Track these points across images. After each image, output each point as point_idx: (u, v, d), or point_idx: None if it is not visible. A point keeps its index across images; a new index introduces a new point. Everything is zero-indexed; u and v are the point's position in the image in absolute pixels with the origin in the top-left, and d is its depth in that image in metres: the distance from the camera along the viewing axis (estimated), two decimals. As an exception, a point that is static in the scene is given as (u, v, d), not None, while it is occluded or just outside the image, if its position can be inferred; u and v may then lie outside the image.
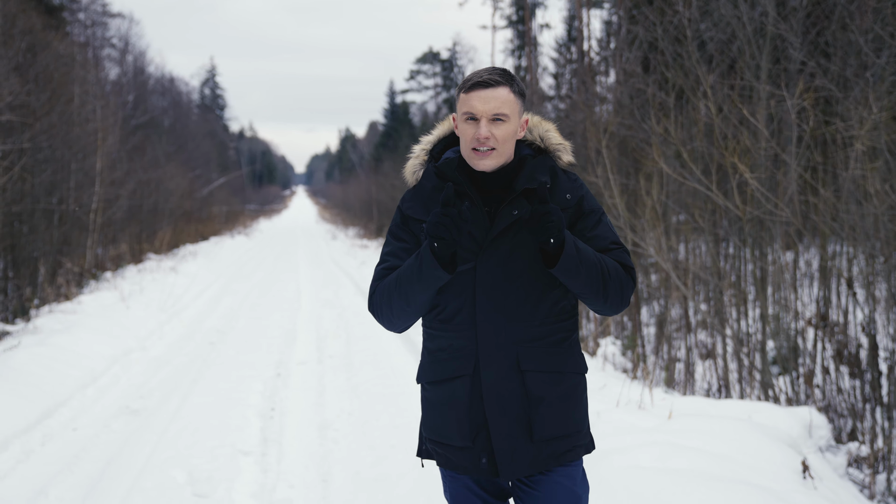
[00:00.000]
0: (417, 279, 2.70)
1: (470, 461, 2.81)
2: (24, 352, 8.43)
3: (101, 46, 37.42)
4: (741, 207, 8.27)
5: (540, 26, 44.50)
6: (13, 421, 6.66)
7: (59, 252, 15.70)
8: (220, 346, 10.60)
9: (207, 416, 7.15)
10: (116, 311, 12.22)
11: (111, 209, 19.59)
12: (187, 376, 8.82)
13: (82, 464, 6.00)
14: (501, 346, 2.77)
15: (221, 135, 63.94)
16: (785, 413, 6.70)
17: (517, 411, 2.77)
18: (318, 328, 12.00)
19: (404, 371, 8.99)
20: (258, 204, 76.62)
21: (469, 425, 2.79)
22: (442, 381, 2.83)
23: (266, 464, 5.95)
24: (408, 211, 2.88)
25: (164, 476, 5.61)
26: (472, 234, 2.78)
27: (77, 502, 5.21)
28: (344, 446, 6.41)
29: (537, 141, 2.92)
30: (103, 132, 18.66)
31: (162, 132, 36.02)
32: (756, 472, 5.26)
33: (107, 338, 10.25)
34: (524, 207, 2.74)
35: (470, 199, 2.79)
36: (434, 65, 61.73)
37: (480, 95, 2.73)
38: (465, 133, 2.77)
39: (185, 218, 31.23)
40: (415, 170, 2.96)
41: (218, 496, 5.25)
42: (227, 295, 16.08)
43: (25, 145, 13.24)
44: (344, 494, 5.36)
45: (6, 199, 12.76)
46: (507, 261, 2.78)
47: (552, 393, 2.80)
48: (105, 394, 8.17)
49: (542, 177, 2.79)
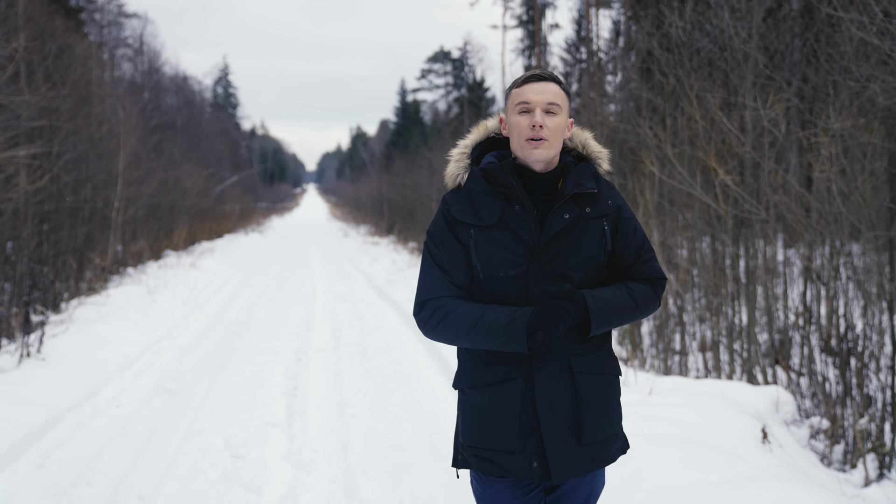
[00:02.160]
0: (494, 343, 2.75)
1: (520, 465, 2.80)
2: (67, 339, 9.24)
3: (117, 46, 38.19)
4: (723, 207, 9.02)
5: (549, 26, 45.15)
6: (65, 397, 7.46)
7: (83, 249, 16.51)
8: (242, 335, 11.39)
9: (236, 395, 7.94)
10: (144, 303, 13.03)
11: (133, 207, 20.41)
12: (214, 361, 9.61)
13: (129, 433, 6.80)
14: (554, 348, 2.81)
15: (234, 133, 64.54)
16: (755, 391, 7.46)
17: (567, 414, 2.81)
18: (334, 319, 12.78)
19: (414, 356, 9.76)
20: (270, 202, 77.30)
21: (520, 429, 2.79)
22: (491, 384, 2.83)
23: (292, 433, 6.74)
24: (456, 214, 2.88)
25: (204, 442, 6.41)
26: (524, 238, 2.82)
27: (130, 463, 6.00)
28: (360, 420, 7.19)
29: (578, 148, 3.00)
30: (125, 133, 19.47)
31: (177, 131, 36.80)
32: (721, 438, 6.02)
33: (138, 327, 11.07)
34: (574, 211, 2.84)
35: (521, 203, 2.84)
36: (445, 64, 62.01)
37: (535, 88, 2.84)
38: (518, 124, 2.84)
39: (200, 216, 32.04)
40: (457, 173, 2.97)
41: (253, 457, 6.04)
42: (246, 289, 16.89)
43: (56, 149, 14.04)
44: (361, 458, 6.14)
45: (39, 198, 13.56)
46: (557, 263, 2.82)
47: (598, 395, 2.86)
48: (141, 376, 8.96)
49: (588, 182, 2.88)
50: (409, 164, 35.14)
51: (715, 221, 10.10)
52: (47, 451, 6.27)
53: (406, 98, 69.03)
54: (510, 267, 2.79)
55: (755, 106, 8.18)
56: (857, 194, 7.45)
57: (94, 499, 5.30)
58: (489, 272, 2.82)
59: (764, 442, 6.19)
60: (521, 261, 2.79)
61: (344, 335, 11.38)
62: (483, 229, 2.84)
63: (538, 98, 2.81)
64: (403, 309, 13.22)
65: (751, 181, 8.98)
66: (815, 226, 8.09)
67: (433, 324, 2.82)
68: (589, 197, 2.87)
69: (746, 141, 8.55)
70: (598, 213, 2.88)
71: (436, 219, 2.92)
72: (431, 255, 2.89)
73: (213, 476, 5.67)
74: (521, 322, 2.70)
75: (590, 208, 2.86)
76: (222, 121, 59.48)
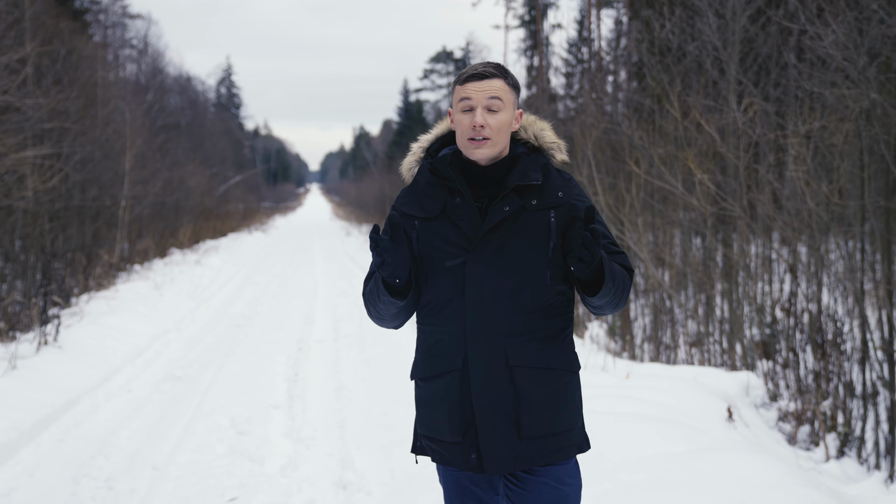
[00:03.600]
0: (379, 300, 2.82)
1: (460, 456, 2.83)
2: (81, 329, 9.75)
3: (121, 47, 38.64)
4: (704, 205, 9.52)
5: (551, 26, 45.52)
6: (81, 382, 7.97)
7: (91, 246, 17.03)
8: (246, 327, 11.90)
9: (241, 381, 8.45)
10: (152, 298, 13.54)
11: (139, 206, 20.93)
12: (220, 351, 10.11)
13: (142, 414, 7.31)
14: (489, 340, 2.79)
15: (237, 133, 64.94)
16: (727, 376, 7.96)
17: (506, 407, 2.79)
18: (334, 313, 13.29)
19: (409, 347, 10.26)
20: (273, 202, 77.71)
21: (459, 421, 2.81)
22: (433, 376, 2.87)
23: (293, 413, 7.25)
24: (402, 207, 2.92)
25: (211, 421, 6.92)
26: (465, 230, 2.81)
27: (143, 439, 6.51)
28: (357, 403, 7.70)
29: (531, 139, 2.95)
30: (132, 134, 19.99)
31: (181, 131, 37.28)
32: (688, 416, 6.52)
33: (147, 320, 11.58)
34: (515, 204, 2.80)
35: (461, 195, 2.83)
36: (447, 64, 62.26)
37: (476, 86, 2.80)
38: (460, 123, 2.82)
39: (204, 215, 32.56)
40: (410, 167, 3.01)
41: (256, 434, 6.56)
42: (250, 285, 17.41)
43: (66, 150, 14.54)
44: (356, 435, 6.64)
45: (49, 197, 14.07)
46: (498, 256, 2.79)
47: (541, 390, 2.80)
48: (151, 364, 9.47)
49: (534, 174, 2.83)
50: (398, 169, 35.55)
51: (700, 220, 10.60)
52: (67, 428, 6.79)
53: (409, 98, 69.37)
54: (448, 257, 2.81)
55: (729, 109, 8.68)
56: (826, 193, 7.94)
57: (112, 469, 5.81)
58: (430, 263, 2.84)
59: (729, 420, 6.69)
60: (459, 252, 2.80)
61: (344, 327, 11.88)
62: (426, 221, 2.86)
63: (479, 96, 2.78)
64: (401, 303, 13.72)
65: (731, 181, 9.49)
66: (787, 222, 8.59)
67: (366, 308, 2.94)
68: (535, 188, 2.83)
69: (724, 142, 9.05)
70: (544, 204, 2.83)
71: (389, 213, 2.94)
72: None
73: (220, 449, 6.19)
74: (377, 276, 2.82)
75: (536, 200, 2.82)
76: (226, 121, 59.83)
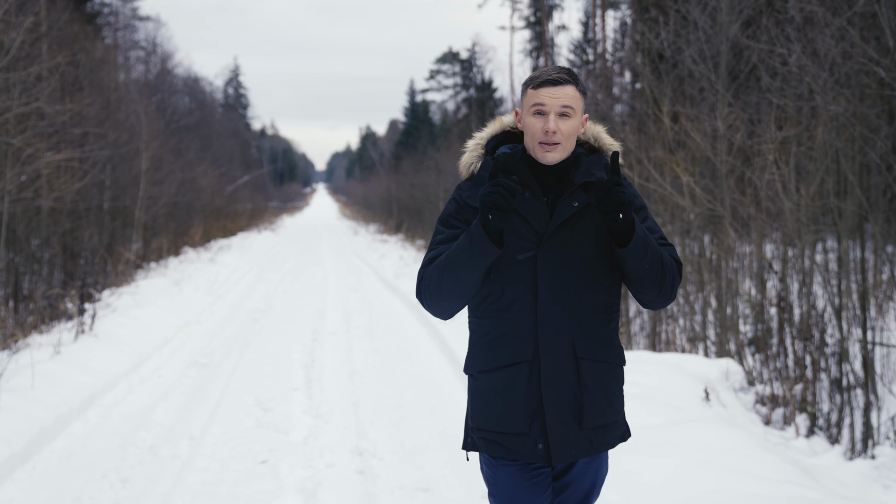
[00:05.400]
0: (468, 256, 2.79)
1: (527, 447, 2.87)
2: (112, 321, 10.50)
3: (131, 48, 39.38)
4: (690, 205, 10.24)
5: (557, 27, 46.18)
6: (116, 367, 8.73)
7: (109, 245, 17.81)
8: (262, 320, 12.65)
9: (261, 366, 9.19)
10: (171, 293, 14.29)
11: (154, 206, 21.71)
12: (239, 341, 10.86)
13: (174, 395, 8.05)
14: (560, 333, 2.87)
15: (244, 133, 65.57)
16: (708, 362, 8.68)
17: (570, 399, 2.87)
18: (345, 307, 14.03)
19: (417, 338, 11.00)
20: (280, 201, 78.38)
21: (525, 411, 2.86)
22: (498, 368, 2.89)
23: (311, 394, 7.99)
24: (468, 199, 2.95)
25: (238, 399, 7.68)
26: (533, 225, 2.87)
27: (178, 416, 7.25)
28: (369, 386, 8.43)
29: (591, 140, 3.03)
30: (148, 136, 20.75)
31: (191, 132, 38.02)
32: (670, 396, 7.24)
33: (169, 313, 12.34)
34: (583, 199, 2.87)
35: (531, 190, 2.89)
36: (454, 64, 62.63)
37: (550, 92, 2.85)
38: (532, 126, 2.88)
39: (214, 214, 33.36)
40: (471, 162, 3.03)
41: (279, 410, 7.31)
42: (263, 282, 18.17)
43: (91, 153, 15.31)
44: (369, 412, 7.38)
45: (72, 198, 14.83)
46: (566, 251, 2.87)
47: (601, 382, 2.91)
48: (177, 353, 10.22)
49: (598, 172, 2.91)
50: (417, 165, 36.18)
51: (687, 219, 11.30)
52: (109, 406, 7.55)
53: (415, 98, 69.87)
54: (518, 251, 2.86)
55: (712, 117, 9.41)
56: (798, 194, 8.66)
57: (153, 439, 6.55)
58: (500, 256, 2.87)
59: (705, 400, 7.41)
60: (529, 246, 2.86)
61: (354, 320, 12.61)
62: None
63: (553, 102, 2.84)
64: (409, 299, 14.43)
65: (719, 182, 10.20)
66: (765, 221, 9.31)
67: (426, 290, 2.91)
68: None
69: (708, 147, 9.76)
70: None
71: (447, 205, 3.01)
72: (435, 237, 2.98)
73: (248, 423, 6.94)
74: (474, 226, 2.78)
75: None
76: (233, 121, 60.53)
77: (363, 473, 5.76)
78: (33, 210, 13.50)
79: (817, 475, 5.94)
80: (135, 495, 5.36)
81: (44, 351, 8.46)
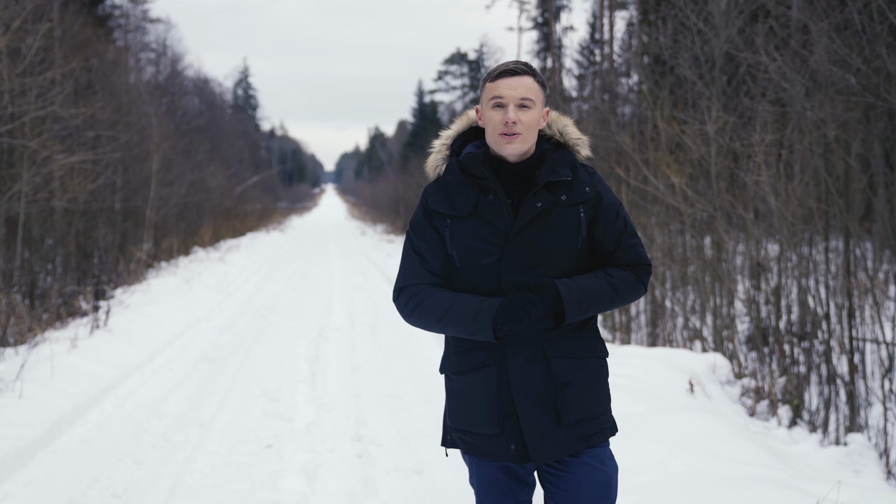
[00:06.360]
0: (463, 328, 2.83)
1: (499, 448, 2.89)
2: (124, 317, 10.91)
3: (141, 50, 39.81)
4: (683, 206, 10.61)
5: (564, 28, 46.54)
6: (129, 361, 9.13)
7: (121, 244, 18.25)
8: (269, 317, 13.05)
9: (268, 360, 9.59)
10: (181, 291, 14.71)
11: (165, 207, 22.15)
12: (247, 337, 11.26)
13: (184, 386, 8.45)
14: (527, 335, 2.87)
15: (253, 134, 65.93)
16: (696, 356, 9.04)
17: (544, 397, 2.86)
18: (350, 305, 14.42)
19: (419, 335, 11.38)
20: (289, 202, 78.75)
21: (497, 413, 2.87)
22: (469, 370, 2.92)
23: (315, 385, 8.39)
24: (433, 205, 2.96)
25: (246, 391, 8.08)
26: (498, 227, 2.86)
27: (188, 405, 7.65)
28: (370, 379, 8.82)
29: (556, 135, 2.99)
30: (159, 138, 21.19)
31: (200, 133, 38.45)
32: (654, 387, 7.60)
33: (179, 311, 12.75)
34: (547, 199, 2.86)
35: (494, 192, 2.88)
36: (462, 65, 62.93)
37: (508, 83, 2.84)
38: (492, 119, 2.87)
39: (223, 215, 33.80)
40: (437, 164, 3.04)
41: (285, 400, 7.71)
42: (271, 281, 18.59)
43: (104, 155, 15.74)
44: (369, 403, 7.76)
45: (87, 199, 15.27)
46: (531, 251, 2.86)
47: (577, 377, 2.89)
48: (187, 348, 10.62)
49: (563, 170, 2.89)
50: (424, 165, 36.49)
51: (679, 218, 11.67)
52: (123, 396, 7.96)
53: (423, 99, 70.17)
54: (483, 255, 2.86)
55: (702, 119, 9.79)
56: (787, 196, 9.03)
57: (165, 427, 6.95)
58: (465, 261, 2.90)
59: (689, 392, 7.78)
60: (494, 249, 2.85)
61: (359, 318, 13.01)
62: (458, 219, 2.91)
63: (511, 93, 2.84)
64: (412, 297, 14.82)
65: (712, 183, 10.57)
66: (753, 222, 9.67)
67: (409, 309, 2.94)
68: (564, 184, 2.91)
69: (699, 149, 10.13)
70: (574, 200, 2.91)
71: (417, 209, 3.02)
72: (412, 243, 2.99)
73: (254, 412, 7.34)
74: (488, 313, 2.78)
75: (565, 195, 2.90)
76: (242, 122, 60.91)
77: (361, 457, 6.15)
78: (48, 211, 13.92)
79: (790, 460, 6.30)
80: (149, 475, 5.76)
81: (61, 345, 8.86)
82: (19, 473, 5.80)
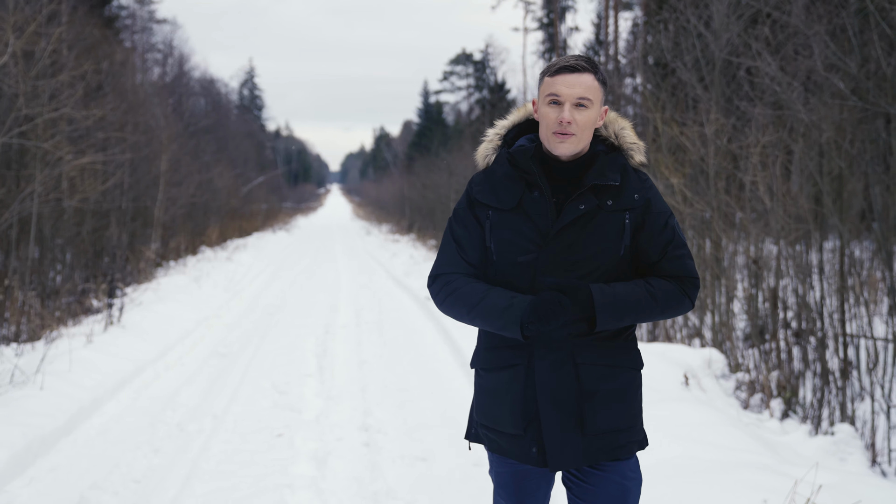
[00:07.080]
0: (493, 322, 2.79)
1: (520, 449, 2.84)
2: (136, 314, 11.20)
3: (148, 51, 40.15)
4: (681, 206, 10.87)
5: (569, 29, 46.77)
6: (143, 356, 9.42)
7: (130, 243, 18.56)
8: (277, 315, 13.34)
9: (277, 356, 9.88)
10: (191, 289, 15.00)
11: (173, 207, 22.46)
12: (256, 334, 11.54)
13: (196, 380, 8.74)
14: (557, 338, 2.80)
15: (259, 135, 66.21)
16: (692, 351, 9.30)
17: (569, 404, 2.79)
18: (356, 304, 14.71)
19: (424, 331, 11.66)
20: (294, 202, 79.08)
21: (521, 414, 2.83)
22: (496, 368, 2.88)
23: (323, 379, 8.67)
24: (477, 195, 2.90)
25: (256, 384, 8.36)
26: (539, 225, 2.80)
27: (201, 398, 7.94)
28: (376, 373, 9.09)
29: (612, 137, 2.91)
30: (167, 139, 21.50)
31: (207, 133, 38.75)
32: (650, 380, 7.85)
33: (190, 308, 13.04)
34: (591, 203, 2.78)
35: (540, 189, 2.82)
36: (467, 66, 63.10)
37: (566, 80, 2.75)
38: (546, 116, 2.79)
39: (230, 215, 34.12)
40: (487, 154, 2.97)
41: (294, 393, 7.99)
42: (278, 279, 18.89)
43: (115, 156, 16.04)
44: (375, 395, 8.04)
45: (97, 199, 15.57)
46: (569, 253, 2.78)
47: (605, 387, 2.81)
48: (198, 344, 10.91)
49: (612, 174, 2.81)
50: (429, 166, 36.81)
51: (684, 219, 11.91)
52: (138, 390, 8.25)
53: (429, 99, 70.42)
54: (521, 252, 2.81)
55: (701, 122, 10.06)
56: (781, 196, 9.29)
57: (180, 418, 7.24)
58: (501, 255, 2.85)
59: (684, 385, 8.04)
60: (532, 247, 2.80)
61: (365, 315, 13.29)
62: (500, 212, 2.86)
63: (568, 92, 2.75)
64: (418, 296, 15.09)
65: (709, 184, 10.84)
66: (748, 221, 9.94)
67: (442, 297, 2.90)
68: (612, 189, 2.83)
69: (697, 150, 10.40)
70: (620, 206, 2.83)
71: (462, 197, 2.96)
72: (451, 231, 2.95)
73: (265, 404, 7.62)
74: (517, 310, 2.73)
75: (612, 200, 2.82)
76: (248, 122, 61.19)
77: (368, 445, 6.43)
78: (59, 211, 14.22)
79: (779, 448, 6.57)
80: (166, 462, 6.05)
81: (77, 340, 9.15)
82: (43, 460, 6.09)
